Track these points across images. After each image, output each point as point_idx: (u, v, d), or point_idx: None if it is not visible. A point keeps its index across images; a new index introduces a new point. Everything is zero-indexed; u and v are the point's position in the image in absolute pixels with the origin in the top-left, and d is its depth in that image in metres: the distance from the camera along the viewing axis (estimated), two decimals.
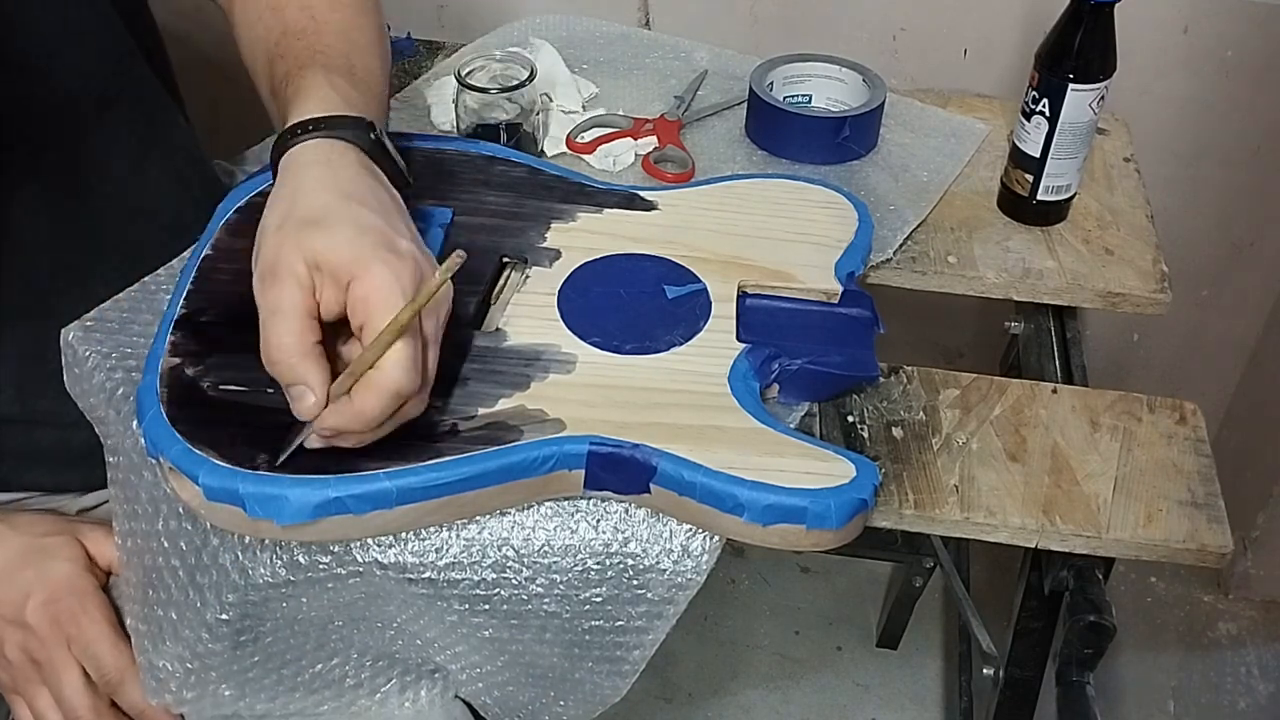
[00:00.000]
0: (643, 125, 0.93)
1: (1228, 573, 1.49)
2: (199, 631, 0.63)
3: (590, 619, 0.63)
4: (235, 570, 0.61)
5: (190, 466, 0.57)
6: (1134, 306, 0.84)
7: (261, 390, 0.60)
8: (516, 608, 0.62)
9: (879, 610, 1.48)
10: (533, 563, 0.62)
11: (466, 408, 0.62)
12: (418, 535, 0.61)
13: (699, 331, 0.68)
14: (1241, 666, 1.43)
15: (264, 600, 0.62)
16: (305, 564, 0.60)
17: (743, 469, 0.59)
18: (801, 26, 1.25)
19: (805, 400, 0.70)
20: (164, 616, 0.64)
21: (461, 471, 0.58)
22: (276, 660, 0.66)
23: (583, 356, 0.66)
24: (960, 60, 1.24)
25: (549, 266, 0.72)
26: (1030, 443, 0.72)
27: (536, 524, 0.62)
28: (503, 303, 0.70)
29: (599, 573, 0.62)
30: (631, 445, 0.60)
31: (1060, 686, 0.74)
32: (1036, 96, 0.83)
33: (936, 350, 1.48)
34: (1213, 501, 0.69)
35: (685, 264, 0.73)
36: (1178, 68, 1.20)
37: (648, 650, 0.64)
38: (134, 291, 0.72)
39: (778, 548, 0.61)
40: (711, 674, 1.41)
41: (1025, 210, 0.89)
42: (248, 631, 0.63)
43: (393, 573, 0.61)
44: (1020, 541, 0.68)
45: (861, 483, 0.60)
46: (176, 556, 0.63)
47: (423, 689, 0.71)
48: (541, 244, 0.73)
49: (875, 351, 0.70)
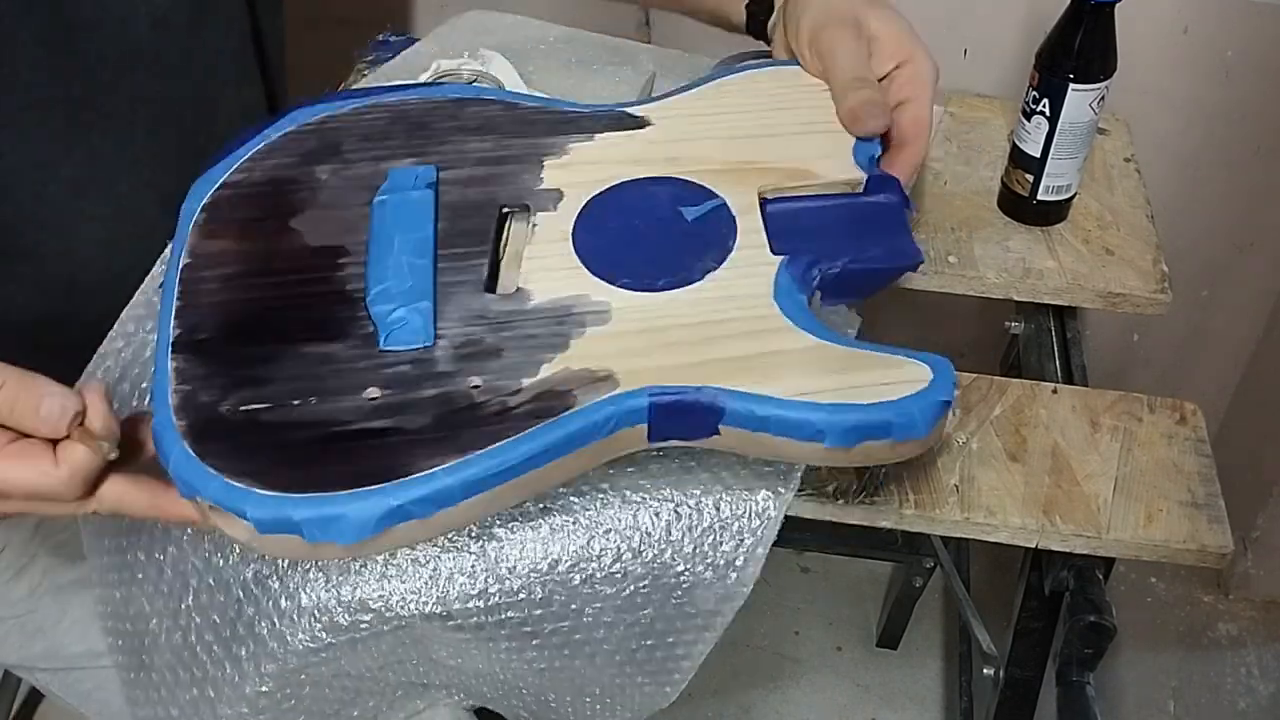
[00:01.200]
0: None
1: (1228, 573, 1.49)
2: (239, 708, 0.62)
3: (641, 639, 0.62)
4: (273, 639, 0.59)
5: (234, 502, 0.51)
6: (1134, 306, 0.84)
7: (287, 404, 0.55)
8: (568, 638, 0.61)
9: (879, 610, 1.48)
10: (579, 594, 0.60)
11: (509, 382, 0.56)
12: (457, 583, 0.59)
13: (730, 252, 0.63)
14: (1241, 666, 1.43)
15: (305, 665, 0.61)
16: (346, 624, 0.59)
17: (815, 392, 0.55)
18: None
19: (849, 301, 0.67)
20: (200, 696, 0.62)
21: (522, 452, 0.53)
22: (316, 715, 0.65)
23: (616, 302, 0.60)
24: (960, 60, 1.24)
25: (554, 209, 0.65)
26: (1030, 443, 0.72)
27: (580, 555, 0.60)
28: (514, 258, 0.63)
29: (645, 595, 0.61)
30: (694, 390, 0.55)
31: (1060, 686, 0.74)
32: (1037, 96, 0.83)
33: (936, 350, 1.47)
34: (1213, 501, 0.69)
35: (696, 179, 0.67)
36: (1178, 68, 1.20)
37: (697, 660, 0.63)
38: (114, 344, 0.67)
39: (862, 465, 0.59)
40: (711, 674, 1.41)
41: (1025, 210, 0.89)
42: (289, 699, 0.62)
43: (437, 623, 0.60)
44: (1020, 541, 0.68)
45: (940, 384, 0.57)
46: (210, 631, 0.61)
47: (440, 696, 0.70)
48: (539, 186, 0.66)
49: (912, 234, 0.66)
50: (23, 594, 0.80)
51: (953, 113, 1.02)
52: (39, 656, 0.82)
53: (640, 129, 0.70)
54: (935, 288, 0.85)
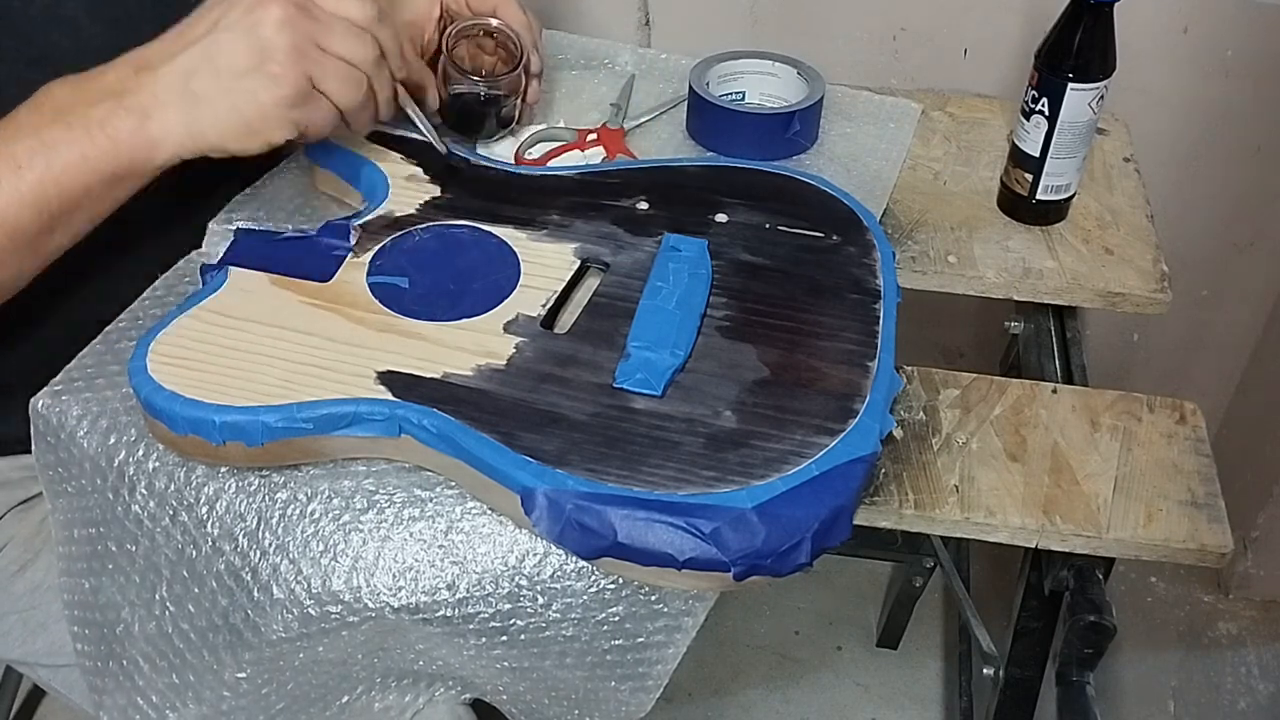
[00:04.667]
0: (586, 136, 0.90)
1: (1228, 573, 1.49)
2: (219, 691, 0.62)
3: (610, 639, 0.62)
4: (248, 629, 0.61)
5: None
6: (1134, 306, 0.84)
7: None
8: (535, 635, 0.62)
9: (879, 610, 1.48)
10: (547, 589, 0.61)
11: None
12: (424, 576, 0.60)
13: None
14: (1241, 666, 1.43)
15: (280, 654, 0.61)
16: (317, 615, 0.60)
17: None
18: (801, 26, 1.25)
19: None
20: (180, 681, 0.63)
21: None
22: (303, 700, 0.65)
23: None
24: (960, 60, 1.24)
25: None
26: (1030, 443, 0.72)
27: (548, 550, 0.61)
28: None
29: (614, 591, 0.61)
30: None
31: (1060, 686, 0.74)
32: (1036, 96, 0.83)
33: (936, 350, 1.48)
34: (1213, 501, 0.69)
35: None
36: (1178, 68, 1.20)
37: (670, 664, 0.63)
38: (96, 346, 0.70)
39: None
40: (711, 674, 1.41)
41: (1025, 210, 0.89)
42: (269, 683, 0.63)
43: (405, 615, 0.60)
44: (1020, 541, 0.68)
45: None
46: (185, 620, 0.63)
47: (438, 689, 0.70)
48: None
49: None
50: (26, 590, 0.81)
51: (952, 113, 1.03)
52: (41, 652, 0.82)
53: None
54: (935, 287, 0.85)
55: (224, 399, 0.59)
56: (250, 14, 0.60)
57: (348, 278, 0.68)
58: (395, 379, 0.61)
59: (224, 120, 0.61)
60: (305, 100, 0.62)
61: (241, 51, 0.60)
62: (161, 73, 0.60)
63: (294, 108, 0.61)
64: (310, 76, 0.61)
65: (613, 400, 0.61)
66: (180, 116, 0.60)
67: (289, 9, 0.60)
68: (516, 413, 0.60)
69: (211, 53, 0.60)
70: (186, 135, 0.61)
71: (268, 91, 0.60)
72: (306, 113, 0.62)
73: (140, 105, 0.60)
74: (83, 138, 0.59)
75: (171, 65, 0.61)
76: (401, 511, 0.61)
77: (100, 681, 0.69)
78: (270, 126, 0.62)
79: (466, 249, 0.71)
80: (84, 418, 0.65)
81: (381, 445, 0.60)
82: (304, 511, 0.61)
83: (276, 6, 0.60)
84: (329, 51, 0.62)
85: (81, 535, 0.67)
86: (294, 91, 0.61)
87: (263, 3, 0.60)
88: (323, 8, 0.62)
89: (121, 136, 0.60)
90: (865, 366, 0.64)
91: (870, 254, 0.72)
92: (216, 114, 0.61)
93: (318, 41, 0.61)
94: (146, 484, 0.63)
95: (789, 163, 0.88)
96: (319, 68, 0.61)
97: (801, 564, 0.56)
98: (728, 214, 0.75)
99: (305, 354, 0.62)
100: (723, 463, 0.57)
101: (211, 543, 0.62)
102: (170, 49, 0.61)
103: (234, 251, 0.70)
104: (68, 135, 0.59)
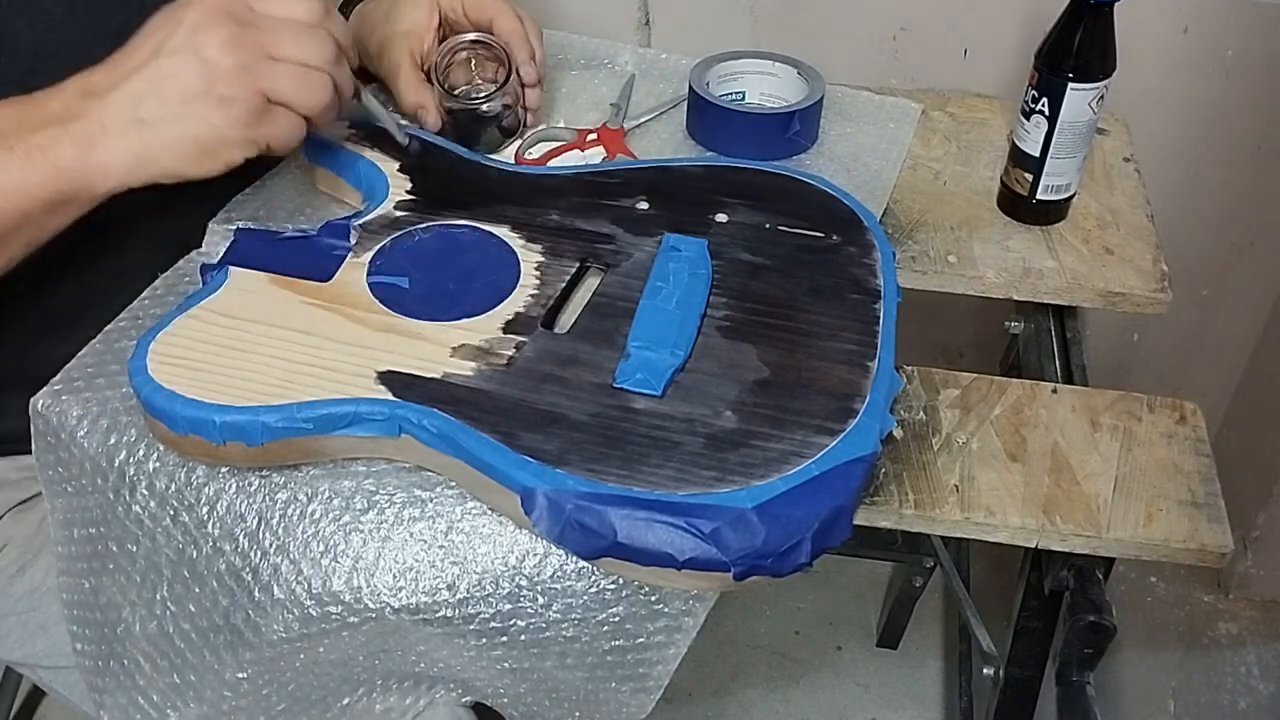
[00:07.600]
0: (586, 136, 0.90)
1: (1228, 573, 1.49)
2: (220, 691, 0.62)
3: (610, 639, 0.62)
4: (249, 629, 0.61)
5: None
6: (1134, 306, 0.84)
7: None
8: (535, 636, 0.62)
9: (879, 610, 1.48)
10: (547, 589, 0.61)
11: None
12: (424, 576, 0.60)
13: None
14: (1241, 666, 1.43)
15: (281, 655, 0.61)
16: (318, 616, 0.60)
17: None
18: (801, 26, 1.25)
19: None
20: (180, 681, 0.64)
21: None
22: (303, 701, 0.65)
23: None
24: (960, 60, 1.24)
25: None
26: (1030, 443, 0.72)
27: (548, 550, 0.61)
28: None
29: (614, 592, 0.61)
30: None
31: (1060, 686, 0.74)
32: (1036, 96, 0.83)
33: (936, 350, 1.48)
34: (1213, 501, 0.69)
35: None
36: (1178, 68, 1.20)
37: (670, 665, 0.63)
38: (96, 345, 0.70)
39: None
40: (711, 674, 1.41)
41: (1025, 210, 0.89)
42: (270, 684, 0.63)
43: (406, 615, 0.60)
44: (1020, 541, 0.68)
45: None
46: (186, 620, 0.63)
47: (439, 691, 0.70)
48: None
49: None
50: (25, 591, 0.81)
51: (952, 113, 1.03)
52: (41, 654, 0.82)
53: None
54: (935, 287, 0.85)
55: (224, 399, 0.59)
56: (194, 36, 0.58)
57: (348, 278, 0.68)
58: (395, 379, 0.61)
59: (176, 146, 0.59)
60: (261, 117, 0.60)
61: (188, 75, 0.58)
62: (109, 100, 0.59)
63: (250, 126, 0.60)
64: (263, 91, 0.60)
65: (613, 400, 0.61)
66: (128, 144, 0.59)
67: (231, 27, 0.59)
68: (516, 413, 0.60)
69: (158, 78, 0.58)
70: (136, 162, 0.59)
71: (220, 114, 0.59)
72: (265, 129, 0.60)
73: (86, 133, 0.58)
74: (23, 163, 0.58)
75: (118, 92, 0.59)
76: (402, 512, 0.61)
77: (100, 681, 0.69)
78: (227, 148, 0.60)
79: (467, 249, 0.71)
80: (84, 418, 0.65)
81: (381, 445, 0.60)
82: (304, 512, 0.61)
83: (219, 27, 0.58)
84: (283, 59, 0.60)
85: (81, 535, 0.67)
86: (246, 111, 0.59)
87: (205, 24, 0.58)
88: (267, 14, 0.60)
89: (63, 164, 0.58)
90: (865, 366, 0.64)
91: (870, 254, 0.72)
92: (168, 140, 0.59)
93: (269, 52, 0.60)
94: (147, 484, 0.63)
95: (789, 163, 0.89)
96: (272, 80, 0.60)
97: (801, 564, 0.56)
98: (728, 214, 0.74)
99: (305, 354, 0.62)
100: (723, 463, 0.57)
101: (212, 543, 0.62)
102: (116, 74, 0.59)
103: (234, 251, 0.70)
104: (8, 159, 0.58)
